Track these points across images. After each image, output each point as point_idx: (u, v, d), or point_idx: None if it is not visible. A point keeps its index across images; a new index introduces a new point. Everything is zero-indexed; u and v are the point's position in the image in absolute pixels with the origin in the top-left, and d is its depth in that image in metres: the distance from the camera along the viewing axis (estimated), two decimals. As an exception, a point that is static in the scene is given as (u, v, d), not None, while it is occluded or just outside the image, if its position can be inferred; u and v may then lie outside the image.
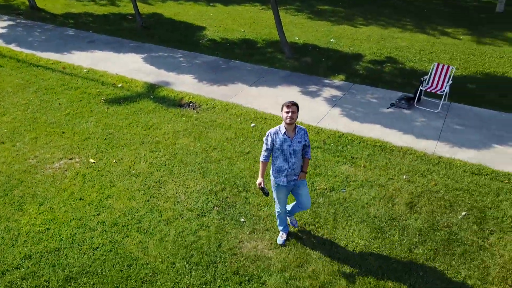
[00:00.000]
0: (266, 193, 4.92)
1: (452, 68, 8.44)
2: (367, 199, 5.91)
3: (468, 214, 5.63)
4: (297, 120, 7.86)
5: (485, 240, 5.23)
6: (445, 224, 5.48)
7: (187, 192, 6.11)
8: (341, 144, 7.17)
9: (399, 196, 5.97)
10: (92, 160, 6.78)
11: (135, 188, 6.18)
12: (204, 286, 4.69)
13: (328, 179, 6.31)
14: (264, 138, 4.80)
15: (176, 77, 9.83)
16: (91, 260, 4.99)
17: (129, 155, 6.91)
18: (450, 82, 8.37)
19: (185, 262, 4.97)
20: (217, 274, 4.83)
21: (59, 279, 4.75)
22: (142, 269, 4.88)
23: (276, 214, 5.20)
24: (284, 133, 4.68)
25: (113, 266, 4.92)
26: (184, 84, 9.46)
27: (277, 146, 4.71)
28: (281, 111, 4.62)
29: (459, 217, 5.58)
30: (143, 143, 7.26)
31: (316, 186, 6.18)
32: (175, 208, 5.79)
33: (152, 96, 8.86)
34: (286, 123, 4.64)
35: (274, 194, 5.06)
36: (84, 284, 4.70)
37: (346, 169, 6.54)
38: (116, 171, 6.52)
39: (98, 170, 6.55)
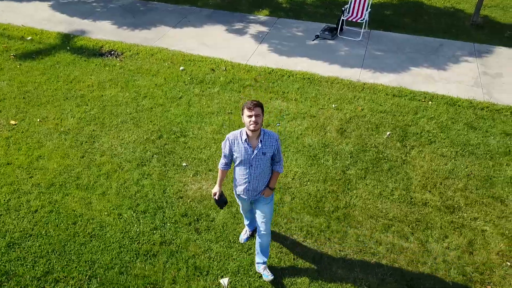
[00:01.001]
0: (224, 202, 4.14)
1: (370, -5, 8.70)
2: (300, 130, 6.19)
3: (391, 133, 6.14)
4: (227, 59, 7.85)
5: (407, 154, 5.79)
6: (373, 144, 5.95)
7: (123, 143, 5.97)
8: (272, 80, 7.29)
9: (330, 124, 6.32)
10: (13, 122, 6.30)
11: (67, 145, 5.91)
12: (154, 232, 4.78)
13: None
14: (222, 143, 3.92)
15: (92, 24, 9.14)
16: (32, 224, 4.84)
17: (54, 112, 6.51)
18: (369, 10, 8.66)
19: (132, 212, 4.99)
20: (166, 218, 4.93)
21: (1, 246, 4.58)
22: (89, 224, 4.84)
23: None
24: (245, 140, 3.72)
25: (57, 226, 4.82)
26: (102, 31, 8.85)
27: (235, 155, 3.81)
28: (242, 114, 3.67)
29: (384, 137, 6.08)
30: (67, 98, 6.84)
31: (252, 123, 6.32)
32: (113, 161, 5.68)
33: (68, 47, 8.22)
34: (249, 129, 3.66)
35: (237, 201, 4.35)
36: (29, 247, 4.58)
37: (279, 104, 6.73)
38: (43, 131, 6.16)
39: (22, 132, 6.13)
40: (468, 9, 9.87)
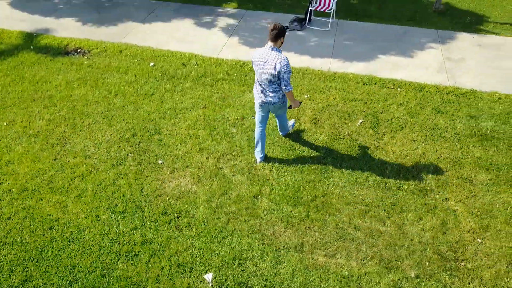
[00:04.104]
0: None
1: (337, -15, 8.80)
2: (275, 121, 6.24)
3: (364, 121, 6.28)
4: (197, 53, 7.79)
5: (380, 141, 5.95)
6: (346, 133, 6.07)
7: (96, 144, 5.86)
8: (244, 73, 7.30)
9: (303, 114, 6.40)
10: (-23, 127, 6.07)
11: (37, 148, 5.75)
12: (134, 231, 4.74)
13: (237, 109, 6.48)
14: (289, 66, 4.61)
15: (55, 22, 8.84)
16: (6, 231, 4.70)
17: (21, 115, 6.30)
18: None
19: (110, 213, 4.93)
20: (145, 217, 4.90)
21: (-26, 257, 4.44)
22: (66, 228, 4.75)
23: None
24: None
25: (33, 232, 4.70)
26: (67, 28, 8.58)
27: None
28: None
29: (357, 124, 6.22)
30: (34, 99, 6.63)
31: (227, 117, 6.32)
32: (87, 162, 5.57)
33: (32, 47, 7.94)
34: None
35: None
36: (5, 256, 4.46)
37: (252, 96, 6.75)
38: (10, 134, 5.96)
39: (-12, 137, 5.92)
40: (430, -4, 10.12)
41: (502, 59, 7.69)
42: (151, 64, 7.50)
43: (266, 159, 5.61)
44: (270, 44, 4.67)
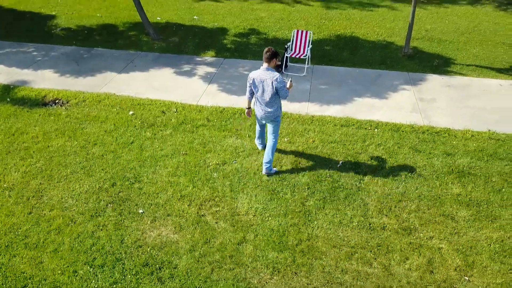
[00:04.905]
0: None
1: (310, 32, 9.18)
2: (257, 165, 6.25)
3: (344, 162, 6.35)
4: (177, 100, 7.86)
5: (361, 181, 5.99)
6: (328, 174, 6.11)
7: (74, 195, 5.70)
8: (224, 119, 7.37)
9: (284, 157, 6.43)
10: None
11: (12, 202, 5.55)
12: (114, 286, 4.53)
13: (219, 154, 6.48)
14: (282, 81, 5.47)
15: (33, 73, 8.85)
16: (-24, 292, 4.42)
17: (-4, 168, 6.13)
18: (310, 46, 9.11)
19: (88, 267, 4.71)
20: (126, 270, 4.70)
21: None
22: (41, 286, 4.50)
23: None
24: None
25: (5, 291, 4.44)
26: (45, 80, 8.58)
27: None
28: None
29: (337, 166, 6.27)
30: (9, 152, 6.48)
31: (209, 162, 6.30)
32: (64, 215, 5.38)
33: (8, 99, 7.87)
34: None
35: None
36: (-27, 319, 4.17)
37: (233, 141, 6.78)
38: (-17, 189, 5.75)
39: (-40, 192, 5.69)
40: (399, 41, 10.65)
41: (471, 98, 8.04)
42: (131, 112, 7.51)
43: (249, 203, 5.55)
44: (265, 65, 5.53)
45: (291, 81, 5.65)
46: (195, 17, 12.25)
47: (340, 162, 6.34)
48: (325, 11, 12.90)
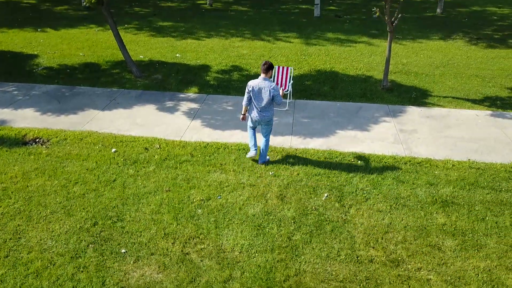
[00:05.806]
0: None
1: (291, 68, 9.39)
2: (242, 200, 6.19)
3: (329, 194, 6.35)
4: (160, 137, 7.84)
5: (347, 214, 5.97)
6: (313, 207, 6.08)
7: (53, 236, 5.51)
8: (208, 154, 7.34)
9: (269, 191, 6.40)
10: None
11: (-13, 246, 5.32)
12: (95, 332, 4.32)
13: (203, 190, 6.41)
14: (277, 88, 6.60)
15: (13, 113, 8.74)
16: None
17: (-29, 210, 5.91)
18: (291, 81, 9.29)
19: (67, 312, 4.50)
20: (107, 314, 4.50)
21: None
22: (16, 335, 4.25)
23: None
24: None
25: None
26: (25, 119, 8.48)
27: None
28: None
29: (323, 198, 6.26)
30: (-14, 193, 6.28)
31: (193, 198, 6.22)
32: (43, 257, 5.18)
33: (-14, 139, 7.72)
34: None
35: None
36: None
37: (218, 176, 6.74)
38: (-43, 232, 5.52)
39: None
40: (377, 75, 10.97)
41: (449, 128, 8.24)
42: (113, 150, 7.43)
43: (235, 240, 5.45)
44: (262, 75, 6.56)
45: (282, 90, 6.90)
46: (177, 55, 12.44)
47: (326, 194, 6.33)
48: (304, 47, 13.27)
